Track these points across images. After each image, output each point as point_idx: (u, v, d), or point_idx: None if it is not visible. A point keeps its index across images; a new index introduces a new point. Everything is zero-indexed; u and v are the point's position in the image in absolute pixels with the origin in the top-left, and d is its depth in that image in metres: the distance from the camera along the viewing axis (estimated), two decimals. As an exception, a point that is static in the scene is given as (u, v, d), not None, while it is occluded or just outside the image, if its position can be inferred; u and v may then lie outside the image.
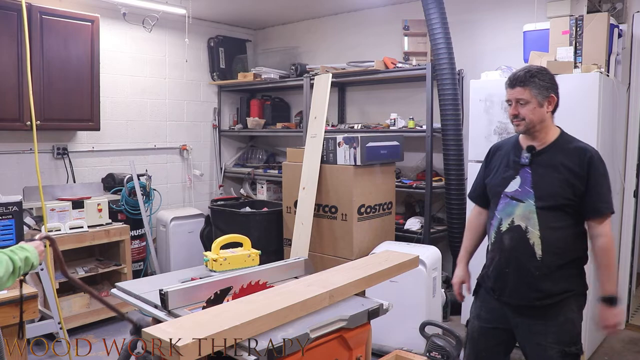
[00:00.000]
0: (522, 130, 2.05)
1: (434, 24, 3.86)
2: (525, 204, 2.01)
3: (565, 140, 2.06)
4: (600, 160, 2.00)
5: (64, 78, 4.04)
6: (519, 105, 2.02)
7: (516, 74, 2.05)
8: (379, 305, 1.60)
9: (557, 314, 2.01)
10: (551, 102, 2.04)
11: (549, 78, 2.04)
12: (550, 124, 2.08)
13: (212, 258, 2.12)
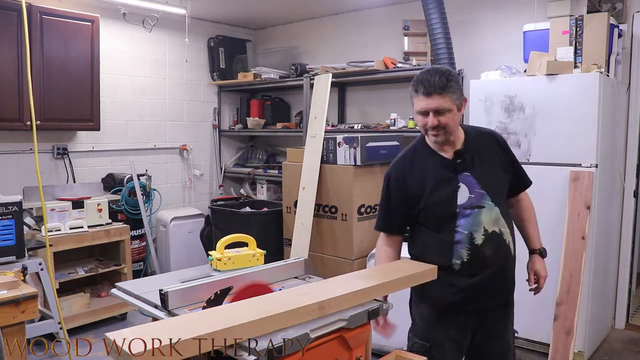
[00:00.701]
0: (443, 140, 1.89)
1: (434, 24, 3.86)
2: (487, 207, 1.88)
3: (469, 131, 2.02)
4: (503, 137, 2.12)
5: (64, 78, 4.04)
6: (438, 115, 1.84)
7: (430, 80, 1.83)
8: (379, 305, 1.60)
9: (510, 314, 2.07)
10: (464, 104, 1.91)
11: (457, 79, 1.89)
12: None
13: (217, 257, 2.12)
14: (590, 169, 3.17)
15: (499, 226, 1.90)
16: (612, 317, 3.89)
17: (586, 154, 3.18)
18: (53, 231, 3.64)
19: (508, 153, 2.04)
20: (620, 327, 3.89)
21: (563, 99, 3.24)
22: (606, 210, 3.50)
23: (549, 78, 3.27)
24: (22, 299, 2.20)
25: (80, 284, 4.08)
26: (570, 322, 3.08)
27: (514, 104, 3.41)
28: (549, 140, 3.29)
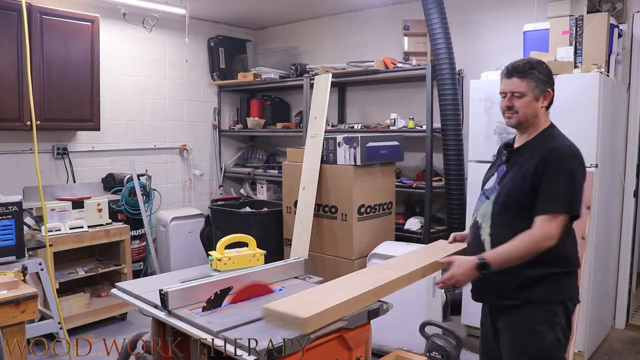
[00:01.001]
0: (514, 124, 1.95)
1: (434, 24, 3.86)
2: (489, 201, 1.95)
3: (546, 137, 1.92)
4: (565, 156, 1.83)
5: (64, 78, 4.04)
6: (513, 98, 1.91)
7: (515, 64, 1.93)
8: (379, 305, 1.60)
9: (519, 321, 1.87)
10: (547, 97, 1.92)
11: (547, 72, 1.93)
12: (543, 119, 1.95)
13: (217, 257, 2.12)
14: (590, 169, 3.15)
15: (483, 220, 1.94)
16: (612, 317, 3.89)
17: (586, 154, 3.13)
18: (53, 231, 3.64)
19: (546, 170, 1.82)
20: (620, 327, 3.89)
21: (563, 99, 3.22)
22: (606, 210, 3.50)
23: (549, 78, 3.27)
24: (22, 299, 2.20)
25: (80, 284, 4.08)
26: (570, 322, 3.07)
27: (514, 104, 3.40)
28: (549, 140, 3.29)
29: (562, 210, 1.78)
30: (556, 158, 1.81)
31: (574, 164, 1.82)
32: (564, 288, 1.86)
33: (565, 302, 1.86)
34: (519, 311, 1.86)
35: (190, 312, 1.58)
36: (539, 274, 1.82)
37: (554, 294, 1.84)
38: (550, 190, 1.79)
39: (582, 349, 3.23)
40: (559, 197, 1.78)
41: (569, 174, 1.79)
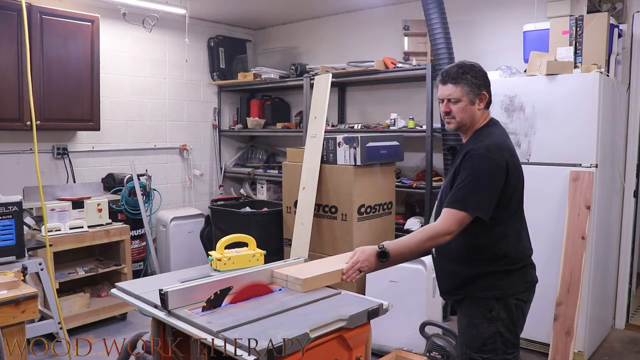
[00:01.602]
0: (453, 129, 2.01)
1: (434, 24, 3.86)
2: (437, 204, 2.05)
3: (475, 138, 1.97)
4: (476, 156, 1.85)
5: (64, 78, 4.04)
6: (450, 103, 1.97)
7: (448, 70, 1.98)
8: (379, 305, 1.60)
9: (462, 315, 2.02)
10: (483, 99, 1.97)
11: (481, 75, 1.98)
12: (482, 120, 2.01)
13: (217, 257, 2.12)
14: (590, 169, 3.17)
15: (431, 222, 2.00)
16: (612, 317, 3.89)
17: (586, 154, 3.18)
18: (53, 231, 3.64)
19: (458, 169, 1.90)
20: (620, 327, 3.89)
21: (563, 99, 3.24)
22: (606, 210, 3.50)
23: (549, 78, 3.27)
24: (22, 299, 2.20)
25: (80, 284, 4.08)
26: (570, 322, 3.08)
27: (514, 104, 3.41)
28: (549, 140, 3.29)
29: (460, 207, 1.82)
30: (468, 158, 1.87)
31: (482, 165, 1.84)
32: (498, 284, 1.92)
33: (502, 298, 1.92)
34: (461, 306, 2.00)
35: (190, 312, 1.58)
36: (472, 273, 1.93)
37: (486, 291, 1.92)
38: (456, 187, 1.86)
39: (582, 349, 3.23)
40: (460, 194, 1.84)
41: (474, 174, 1.83)
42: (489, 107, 2.02)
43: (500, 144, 1.92)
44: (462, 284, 1.96)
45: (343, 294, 1.72)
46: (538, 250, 3.38)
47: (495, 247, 1.92)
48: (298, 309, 1.57)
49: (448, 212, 1.84)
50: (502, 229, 1.92)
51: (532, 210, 3.34)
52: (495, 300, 1.92)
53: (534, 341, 3.38)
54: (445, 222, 1.84)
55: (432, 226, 1.88)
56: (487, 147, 1.87)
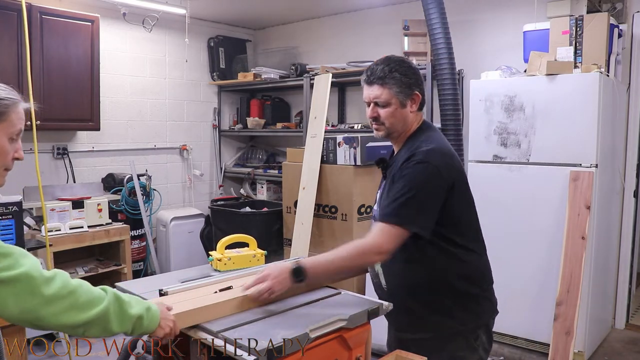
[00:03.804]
0: (383, 136, 1.73)
1: (434, 24, 3.86)
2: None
3: (411, 143, 1.70)
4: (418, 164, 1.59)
5: (64, 78, 4.04)
6: (378, 107, 1.69)
7: (373, 68, 1.68)
8: (379, 305, 1.60)
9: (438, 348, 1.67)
10: (415, 100, 1.70)
11: (412, 72, 1.69)
12: (415, 124, 1.74)
13: (217, 257, 2.12)
14: (590, 169, 3.17)
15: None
16: (612, 317, 3.89)
17: (586, 154, 3.18)
18: (53, 231, 3.64)
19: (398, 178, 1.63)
20: (620, 327, 3.89)
21: (563, 99, 3.24)
22: (606, 210, 3.50)
23: (549, 78, 3.27)
24: (22, 299, 2.19)
25: (81, 284, 4.08)
26: (570, 322, 3.08)
27: (514, 104, 3.41)
28: (549, 140, 3.29)
29: (395, 222, 1.56)
30: (407, 165, 1.61)
31: (421, 173, 1.59)
32: (485, 309, 1.74)
33: (487, 323, 1.75)
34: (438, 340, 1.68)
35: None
36: (456, 301, 1.68)
37: (477, 320, 1.71)
38: (391, 198, 1.60)
39: (582, 349, 3.23)
40: (395, 207, 1.57)
41: (412, 183, 1.58)
42: (422, 109, 1.75)
43: (442, 149, 1.66)
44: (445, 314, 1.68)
45: (343, 294, 1.71)
46: (538, 250, 3.41)
47: (472, 268, 1.70)
48: (298, 309, 1.57)
49: (381, 227, 1.57)
50: (471, 246, 1.71)
51: (532, 211, 3.37)
52: (482, 328, 1.72)
53: (534, 341, 3.38)
54: (377, 239, 1.56)
55: (363, 243, 1.58)
56: (427, 152, 1.61)
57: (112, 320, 1.22)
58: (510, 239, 3.38)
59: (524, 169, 3.39)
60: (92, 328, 1.18)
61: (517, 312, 3.35)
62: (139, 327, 1.26)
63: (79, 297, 1.17)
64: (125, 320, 1.24)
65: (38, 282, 1.12)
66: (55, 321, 1.13)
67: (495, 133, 3.50)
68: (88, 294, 1.20)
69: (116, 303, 1.25)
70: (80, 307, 1.16)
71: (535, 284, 3.33)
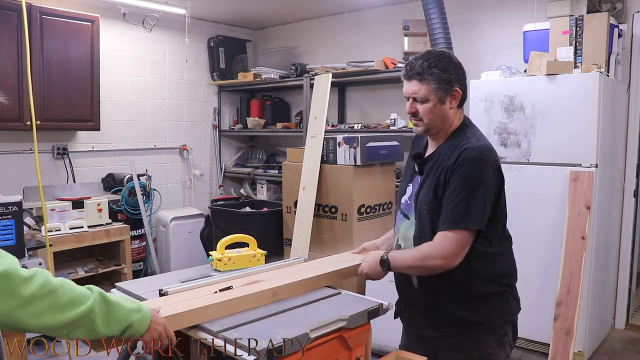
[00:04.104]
0: (422, 132, 1.74)
1: (434, 24, 3.86)
2: (410, 221, 1.74)
3: (456, 139, 1.69)
4: (474, 161, 1.59)
5: (64, 78, 4.04)
6: (416, 103, 1.68)
7: (412, 63, 1.67)
8: (379, 305, 1.60)
9: (468, 346, 1.70)
10: (455, 97, 1.68)
11: (453, 67, 1.66)
12: (456, 120, 1.73)
13: (217, 257, 2.12)
14: (590, 169, 3.17)
15: (405, 244, 1.77)
16: (612, 317, 3.89)
17: (586, 154, 3.18)
18: (53, 231, 3.64)
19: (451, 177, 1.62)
20: (620, 327, 3.89)
21: (563, 99, 3.24)
22: (606, 210, 3.50)
23: (549, 78, 3.27)
24: (22, 299, 2.19)
25: (80, 284, 4.06)
26: (570, 322, 3.08)
27: (514, 104, 3.41)
28: (549, 140, 3.29)
29: (462, 227, 1.57)
30: (462, 164, 1.59)
31: (479, 170, 1.59)
32: (513, 306, 1.75)
33: (514, 320, 1.77)
34: (466, 336, 1.70)
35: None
36: (487, 298, 1.70)
37: (506, 316, 1.73)
38: (452, 202, 1.59)
39: (582, 349, 3.23)
40: (458, 211, 1.57)
41: (471, 183, 1.58)
42: (462, 105, 1.74)
43: (489, 146, 1.68)
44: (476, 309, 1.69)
45: (343, 294, 1.71)
46: (538, 250, 3.40)
47: (500, 266, 1.72)
48: (298, 309, 1.57)
49: (447, 232, 1.58)
50: (502, 245, 1.73)
51: (532, 211, 3.37)
52: (510, 324, 1.75)
53: (534, 341, 3.38)
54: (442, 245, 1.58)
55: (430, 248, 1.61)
56: (480, 149, 1.61)
57: (97, 321, 1.16)
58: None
59: (524, 169, 3.39)
60: (76, 329, 1.13)
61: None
62: (128, 329, 1.22)
63: (60, 297, 1.11)
64: (112, 321, 1.19)
65: (16, 282, 1.07)
66: (36, 323, 1.07)
67: (495, 133, 3.50)
68: (70, 293, 1.13)
69: (102, 303, 1.18)
70: (62, 307, 1.10)
71: (535, 284, 3.33)
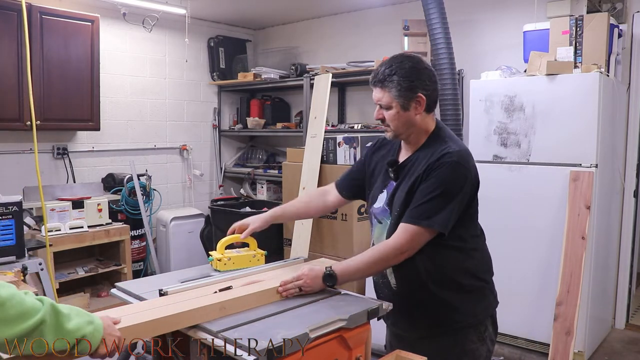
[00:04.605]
0: (390, 137, 1.75)
1: (434, 24, 3.86)
2: (382, 224, 1.74)
3: (433, 143, 1.69)
4: (453, 165, 1.59)
5: (64, 78, 4.04)
6: (383, 110, 1.68)
7: (377, 70, 1.67)
8: (379, 305, 1.60)
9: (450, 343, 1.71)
10: (420, 103, 1.65)
11: (415, 73, 1.63)
12: (427, 124, 1.71)
13: (217, 257, 2.12)
14: (590, 169, 3.17)
15: None
16: (612, 317, 3.89)
17: (586, 154, 3.18)
18: (53, 231, 3.64)
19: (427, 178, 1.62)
20: (620, 327, 3.89)
21: (563, 99, 3.24)
22: (606, 210, 3.50)
23: (549, 78, 3.28)
24: (22, 299, 2.19)
25: (80, 284, 4.08)
26: (570, 322, 3.08)
27: (514, 104, 3.41)
28: (549, 140, 3.29)
29: (424, 224, 1.58)
30: (441, 166, 1.59)
31: (454, 175, 1.59)
32: (491, 301, 1.77)
33: (493, 314, 1.79)
34: (448, 334, 1.71)
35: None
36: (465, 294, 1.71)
37: (485, 311, 1.75)
38: (422, 199, 1.60)
39: (582, 349, 3.23)
40: (425, 208, 1.58)
41: (444, 185, 1.58)
42: (432, 110, 1.71)
43: (468, 151, 1.68)
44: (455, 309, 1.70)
45: (343, 293, 1.71)
46: (538, 250, 3.40)
47: (478, 262, 1.74)
48: (298, 309, 1.57)
49: (406, 228, 1.59)
50: (476, 241, 1.75)
51: (532, 211, 3.37)
52: (490, 319, 1.77)
53: (534, 341, 3.38)
54: (403, 238, 1.59)
55: (387, 244, 1.62)
56: (460, 154, 1.61)
57: (47, 334, 1.12)
58: (510, 239, 3.38)
59: (524, 169, 3.39)
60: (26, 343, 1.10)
61: (517, 312, 3.35)
62: (81, 341, 1.19)
63: (9, 310, 1.05)
64: (62, 334, 1.15)
65: None
66: None
67: (495, 133, 3.50)
68: (20, 306, 1.08)
69: (53, 315, 1.14)
70: (11, 321, 1.05)
71: (535, 284, 3.33)
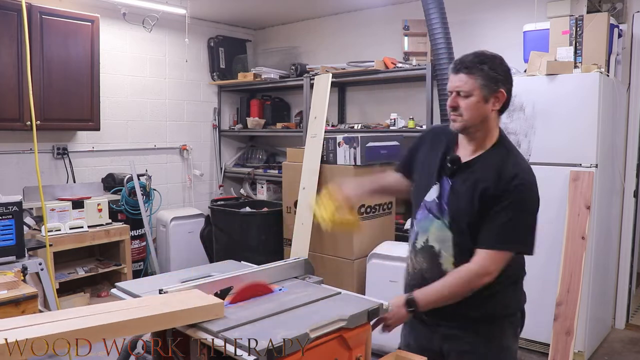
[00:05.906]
0: (458, 128, 1.68)
1: (434, 24, 3.86)
2: (441, 222, 1.71)
3: (501, 153, 1.69)
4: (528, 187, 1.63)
5: (64, 78, 4.04)
6: (459, 97, 1.64)
7: (463, 58, 1.66)
8: (379, 305, 1.60)
9: (487, 337, 1.72)
10: (499, 99, 1.64)
11: (502, 69, 1.64)
12: (494, 126, 1.70)
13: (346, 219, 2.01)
14: (590, 169, 3.17)
15: (441, 247, 1.71)
16: (612, 317, 3.89)
17: (586, 154, 3.18)
18: (53, 231, 3.64)
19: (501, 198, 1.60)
20: (620, 327, 3.89)
21: (563, 99, 3.24)
22: (606, 210, 3.50)
23: (549, 78, 3.28)
24: (22, 299, 2.20)
25: (80, 284, 4.08)
26: (570, 322, 3.08)
27: (514, 104, 3.40)
28: (549, 140, 3.29)
29: (513, 249, 1.62)
30: (519, 187, 1.60)
31: (533, 197, 1.63)
32: (523, 294, 1.81)
33: (523, 307, 1.81)
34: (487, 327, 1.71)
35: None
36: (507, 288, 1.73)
37: (518, 304, 1.78)
38: (507, 224, 1.59)
39: (582, 349, 3.23)
40: (514, 234, 1.61)
41: (527, 209, 1.61)
42: (503, 112, 1.70)
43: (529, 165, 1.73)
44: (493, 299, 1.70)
45: (343, 294, 1.71)
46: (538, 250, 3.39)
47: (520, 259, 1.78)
48: (298, 309, 1.57)
49: (491, 254, 1.59)
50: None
51: (532, 210, 3.36)
52: (520, 313, 1.79)
53: (534, 341, 3.38)
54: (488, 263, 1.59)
55: (471, 270, 1.61)
56: (532, 174, 1.67)
57: None
58: (510, 239, 3.38)
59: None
60: None
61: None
62: None
63: None
64: None
65: None
66: None
67: (495, 133, 3.49)
68: None
69: None
70: None
71: (535, 284, 3.32)
